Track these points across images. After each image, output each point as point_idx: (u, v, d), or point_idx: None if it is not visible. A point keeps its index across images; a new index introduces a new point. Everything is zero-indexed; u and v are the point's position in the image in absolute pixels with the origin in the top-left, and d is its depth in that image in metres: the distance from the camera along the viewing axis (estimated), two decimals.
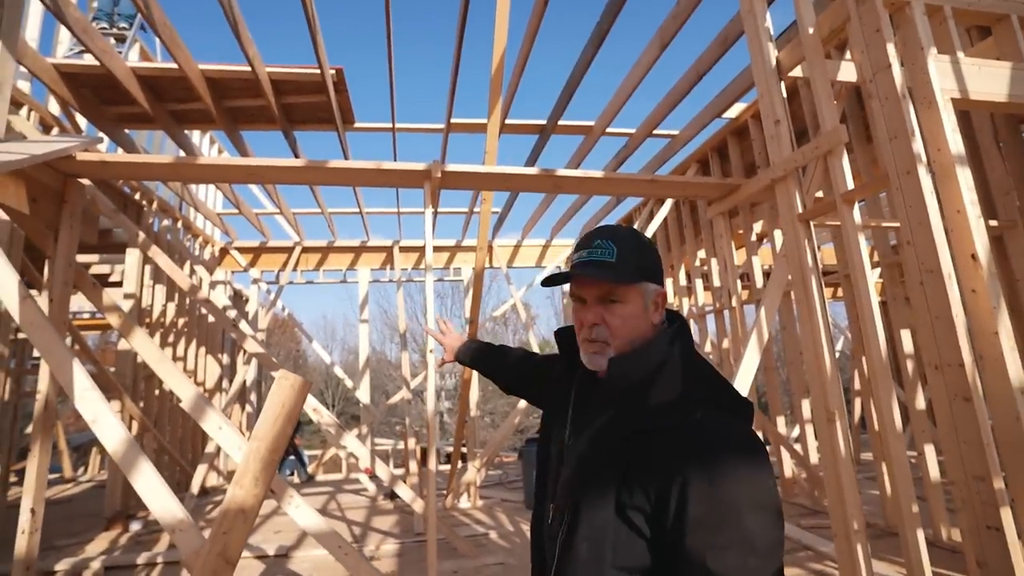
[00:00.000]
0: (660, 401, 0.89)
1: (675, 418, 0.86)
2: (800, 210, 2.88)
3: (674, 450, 0.82)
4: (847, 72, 3.30)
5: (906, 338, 4.23)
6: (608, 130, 5.74)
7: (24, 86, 4.81)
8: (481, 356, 1.64)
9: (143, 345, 2.97)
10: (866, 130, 4.38)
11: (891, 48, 2.30)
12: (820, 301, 2.75)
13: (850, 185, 2.63)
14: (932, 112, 2.22)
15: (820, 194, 4.35)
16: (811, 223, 2.91)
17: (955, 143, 2.19)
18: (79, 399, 2.21)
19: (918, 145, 2.18)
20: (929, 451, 3.85)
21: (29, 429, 9.44)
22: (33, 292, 2.83)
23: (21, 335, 7.39)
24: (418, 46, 39.19)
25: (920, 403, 3.98)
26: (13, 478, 6.77)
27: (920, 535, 2.29)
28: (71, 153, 2.66)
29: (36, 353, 7.88)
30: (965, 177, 2.17)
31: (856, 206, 2.65)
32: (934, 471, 3.89)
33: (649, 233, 6.22)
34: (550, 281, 1.04)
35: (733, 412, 0.90)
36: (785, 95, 3.07)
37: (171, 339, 6.97)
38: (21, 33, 3.07)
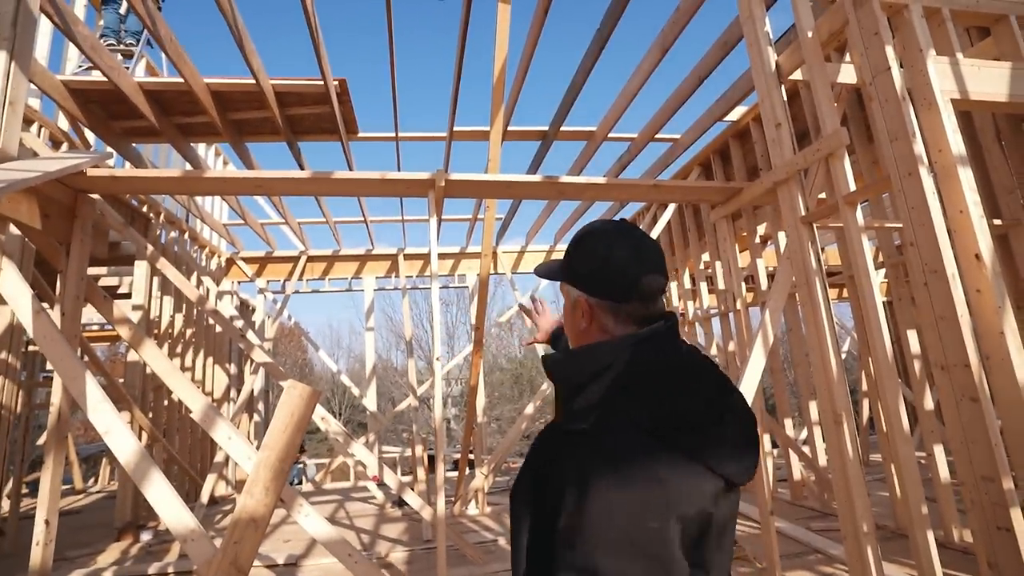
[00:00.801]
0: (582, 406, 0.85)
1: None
2: (803, 213, 2.89)
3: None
4: (847, 74, 3.31)
5: (912, 338, 4.21)
6: (610, 135, 5.77)
7: (34, 103, 4.89)
8: None
9: (153, 357, 3.00)
10: (867, 131, 4.38)
11: (890, 51, 2.32)
12: (825, 303, 2.76)
13: (852, 187, 2.64)
14: (932, 113, 2.24)
15: (823, 196, 4.36)
16: (814, 225, 2.91)
17: (956, 144, 2.20)
18: (92, 411, 2.24)
19: (919, 147, 2.19)
20: (938, 451, 3.83)
21: (40, 441, 9.54)
22: (44, 306, 2.87)
23: (32, 348, 7.47)
24: (420, 57, 39.59)
25: (928, 403, 3.96)
26: (25, 490, 6.82)
27: (930, 536, 2.29)
28: (82, 169, 2.70)
29: (48, 366, 7.97)
30: (967, 177, 2.17)
31: (859, 207, 2.66)
32: (944, 472, 3.87)
33: (653, 236, 6.23)
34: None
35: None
36: (785, 98, 3.09)
37: (179, 350, 7.03)
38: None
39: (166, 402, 6.79)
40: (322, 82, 4.70)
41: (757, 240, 5.75)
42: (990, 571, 1.98)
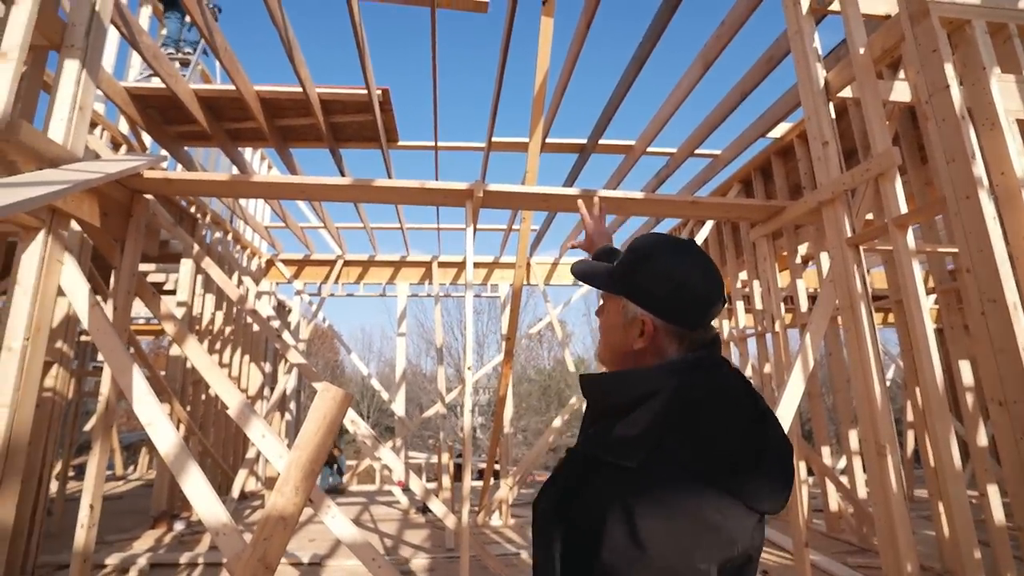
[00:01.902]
0: (622, 435, 0.80)
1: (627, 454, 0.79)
2: (849, 234, 2.79)
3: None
4: (900, 92, 3.20)
5: (965, 369, 3.99)
6: (649, 149, 5.72)
7: (99, 107, 5.19)
8: None
9: (195, 352, 3.11)
10: (920, 151, 4.21)
11: (949, 68, 2.23)
12: (870, 328, 2.64)
13: (903, 209, 2.53)
14: (995, 134, 2.13)
15: (870, 216, 4.20)
16: (861, 248, 2.81)
17: (1021, 166, 2.09)
18: (137, 403, 2.33)
19: (979, 168, 2.09)
20: (993, 492, 3.59)
21: (87, 427, 9.98)
22: (97, 299, 3.02)
23: (83, 338, 7.85)
24: (460, 72, 40.21)
25: (982, 439, 3.73)
26: (71, 473, 7.14)
27: None
28: (139, 171, 2.85)
29: (98, 356, 8.34)
30: None
31: (910, 230, 2.55)
32: (998, 514, 3.62)
33: None
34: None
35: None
36: (833, 115, 3.00)
37: (218, 346, 7.27)
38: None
39: (203, 396, 7.02)
40: (366, 91, 4.82)
41: (798, 260, 5.58)
42: None
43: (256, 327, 8.25)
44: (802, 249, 5.97)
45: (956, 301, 4.16)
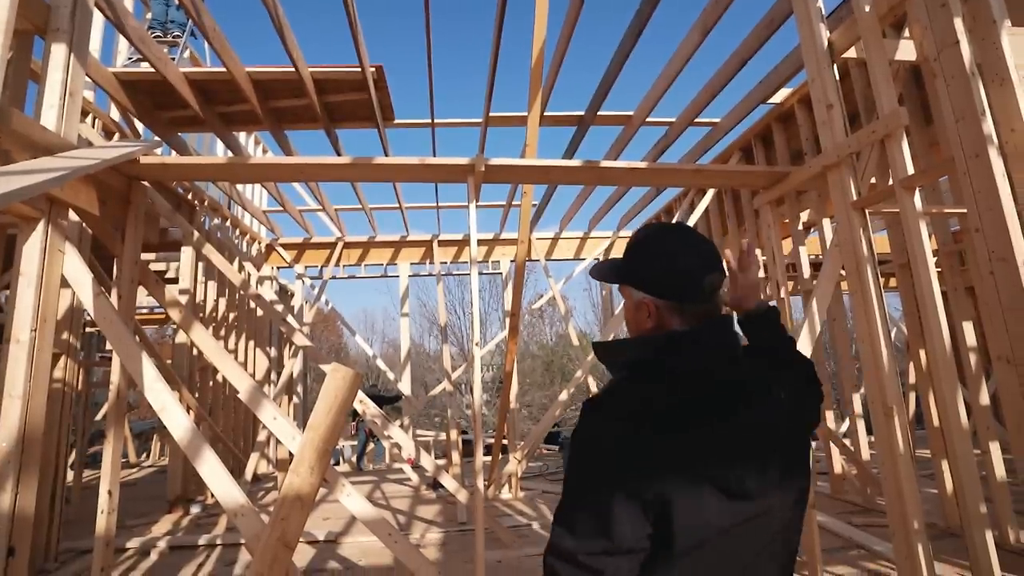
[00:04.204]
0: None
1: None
2: (854, 198, 2.77)
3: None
4: (905, 51, 3.14)
5: (968, 331, 4.01)
6: (648, 119, 5.64)
7: (88, 95, 5.09)
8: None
9: (202, 339, 3.12)
10: (924, 112, 4.14)
11: (959, 23, 2.17)
12: (877, 292, 2.64)
13: (910, 170, 2.50)
14: (1006, 90, 2.09)
15: (873, 180, 4.16)
16: (866, 211, 2.79)
17: None
18: (148, 390, 2.34)
19: (988, 126, 2.06)
20: (994, 449, 3.66)
21: (98, 416, 10.06)
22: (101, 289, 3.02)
23: (89, 329, 7.87)
24: (455, 47, 39.27)
25: (984, 399, 3.77)
26: (85, 462, 7.23)
27: (988, 536, 2.19)
28: (136, 157, 2.81)
29: (106, 346, 8.37)
30: None
31: (916, 192, 2.53)
32: (1000, 470, 3.69)
33: (691, 223, 6.08)
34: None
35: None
36: (838, 77, 2.94)
37: (223, 333, 7.29)
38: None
39: (211, 383, 7.07)
40: (359, 69, 4.72)
41: (800, 227, 5.55)
42: None
43: (260, 312, 8.26)
44: (804, 216, 5.93)
45: (959, 263, 4.15)
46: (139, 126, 5.80)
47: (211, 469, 2.33)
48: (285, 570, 2.27)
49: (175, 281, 7.38)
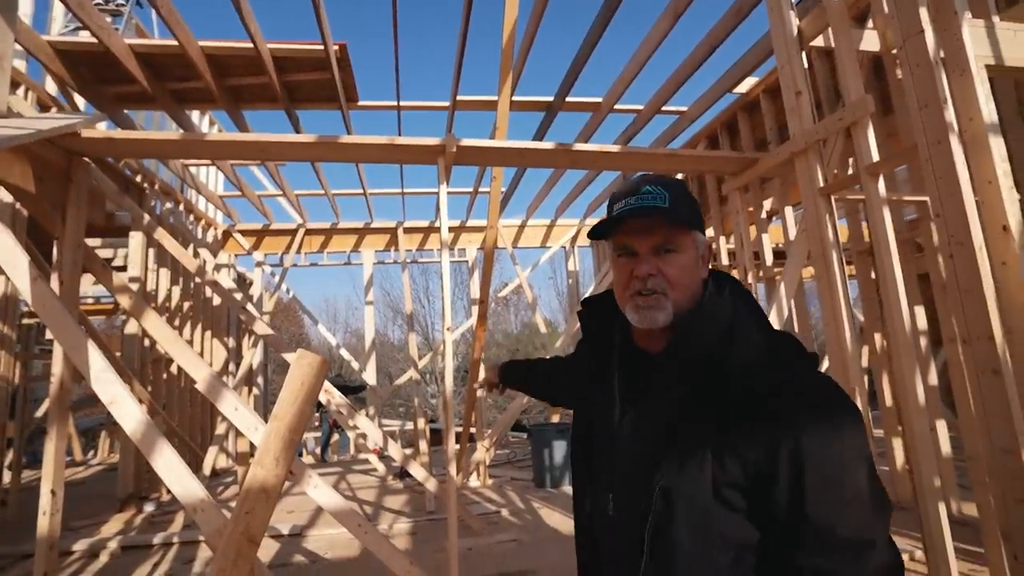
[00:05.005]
0: (746, 361, 0.82)
1: (770, 379, 0.80)
2: (821, 184, 2.82)
3: (778, 414, 0.77)
4: (868, 41, 3.21)
5: (919, 315, 4.20)
6: (616, 106, 5.64)
7: (20, 65, 4.70)
8: (524, 374, 1.67)
9: (155, 326, 2.93)
10: (883, 104, 4.28)
11: (924, 12, 2.22)
12: (841, 276, 2.71)
13: (875, 157, 2.57)
14: (965, 80, 2.16)
15: (835, 172, 4.28)
16: (832, 197, 2.85)
17: (989, 112, 2.13)
18: (95, 380, 2.18)
19: (950, 114, 2.12)
20: (940, 427, 3.86)
21: (37, 414, 9.50)
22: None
23: (27, 320, 7.37)
24: (422, 31, 38.29)
25: (932, 379, 3.97)
26: (24, 460, 6.81)
27: (942, 508, 2.29)
28: (76, 130, 2.59)
29: (47, 336, 7.86)
30: (998, 146, 2.11)
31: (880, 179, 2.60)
32: (945, 447, 3.90)
33: None
34: (599, 231, 0.93)
35: (812, 363, 0.85)
36: (806, 65, 2.99)
37: (177, 323, 6.95)
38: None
39: (165, 375, 6.75)
40: (322, 47, 4.53)
41: (763, 215, 5.68)
42: (1003, 542, 1.98)
43: (217, 301, 7.92)
44: (767, 205, 6.07)
45: (914, 250, 4.33)
46: (80, 102, 5.41)
47: (167, 463, 2.19)
48: (250, 567, 2.17)
49: (124, 269, 6.97)
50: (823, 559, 0.74)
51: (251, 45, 4.33)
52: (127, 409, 2.17)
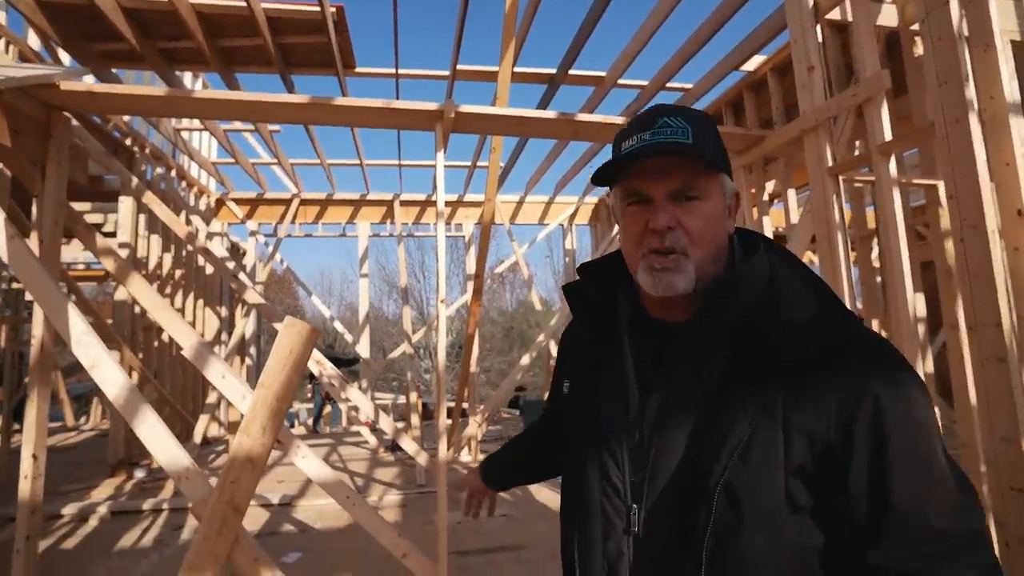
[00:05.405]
0: (798, 321, 0.68)
1: (830, 337, 0.67)
2: (830, 163, 2.74)
3: (846, 378, 0.63)
4: (886, 16, 3.09)
5: (920, 303, 4.15)
6: (620, 81, 5.49)
7: None
8: (513, 460, 1.25)
9: (142, 291, 2.86)
10: (896, 82, 4.17)
11: None
12: (846, 260, 2.65)
13: (888, 136, 2.48)
14: (989, 56, 2.06)
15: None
16: (840, 178, 2.77)
17: (1012, 90, 2.04)
18: (76, 344, 2.12)
19: (971, 91, 2.03)
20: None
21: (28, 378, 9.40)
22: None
23: (16, 284, 7.26)
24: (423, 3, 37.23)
25: (929, 367, 3.94)
26: (16, 426, 6.78)
27: None
28: (54, 81, 2.47)
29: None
30: (1019, 127, 2.03)
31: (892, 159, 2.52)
32: None
33: None
34: (603, 176, 0.77)
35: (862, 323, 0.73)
36: (821, 39, 2.87)
37: (169, 291, 6.86)
38: None
39: (156, 343, 6.68)
40: (319, 8, 4.36)
41: (765, 198, 5.59)
42: (1000, 529, 1.97)
43: (210, 269, 7.81)
44: (769, 187, 5.98)
45: (916, 238, 4.26)
46: (66, 59, 5.22)
47: (151, 430, 2.14)
48: (235, 535, 2.14)
49: (114, 235, 6.84)
50: (915, 557, 0.60)
51: (244, 3, 4.16)
52: (109, 373, 2.11)
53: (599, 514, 0.75)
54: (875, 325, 4.34)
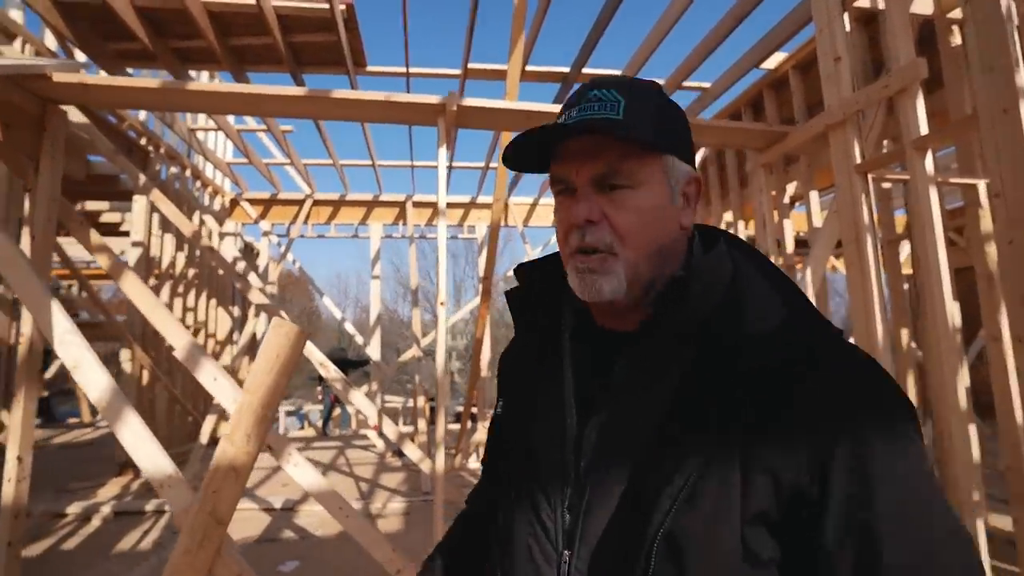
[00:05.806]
0: (762, 330, 0.55)
1: (799, 352, 0.53)
2: (858, 160, 2.55)
3: (821, 400, 0.51)
4: (916, 6, 2.89)
5: (955, 311, 3.90)
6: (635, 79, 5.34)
7: (16, 16, 4.54)
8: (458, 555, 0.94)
9: (135, 290, 2.79)
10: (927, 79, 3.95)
11: None
12: (875, 263, 2.46)
13: (923, 130, 2.29)
14: None
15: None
16: (869, 176, 2.58)
17: None
18: (59, 344, 2.04)
19: (1021, 78, 1.84)
20: (972, 431, 3.60)
21: (48, 375, 9.54)
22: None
23: None
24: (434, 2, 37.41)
25: (966, 380, 3.70)
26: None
27: (980, 525, 2.08)
28: (46, 72, 2.41)
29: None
30: None
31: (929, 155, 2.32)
32: (976, 453, 3.64)
33: None
34: (516, 159, 0.65)
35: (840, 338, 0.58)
36: (848, 28, 2.69)
37: (181, 290, 6.86)
38: None
39: (167, 342, 6.68)
40: (328, 6, 4.31)
41: (786, 200, 5.37)
42: None
43: (222, 269, 7.83)
44: (791, 189, 5.75)
45: (950, 242, 4.02)
46: (82, 59, 5.25)
47: (133, 434, 2.05)
48: (217, 547, 2.04)
49: (129, 234, 6.87)
50: None
51: (254, 1, 4.12)
52: (91, 375, 2.02)
53: (526, 560, 0.61)
54: (904, 335, 4.11)
